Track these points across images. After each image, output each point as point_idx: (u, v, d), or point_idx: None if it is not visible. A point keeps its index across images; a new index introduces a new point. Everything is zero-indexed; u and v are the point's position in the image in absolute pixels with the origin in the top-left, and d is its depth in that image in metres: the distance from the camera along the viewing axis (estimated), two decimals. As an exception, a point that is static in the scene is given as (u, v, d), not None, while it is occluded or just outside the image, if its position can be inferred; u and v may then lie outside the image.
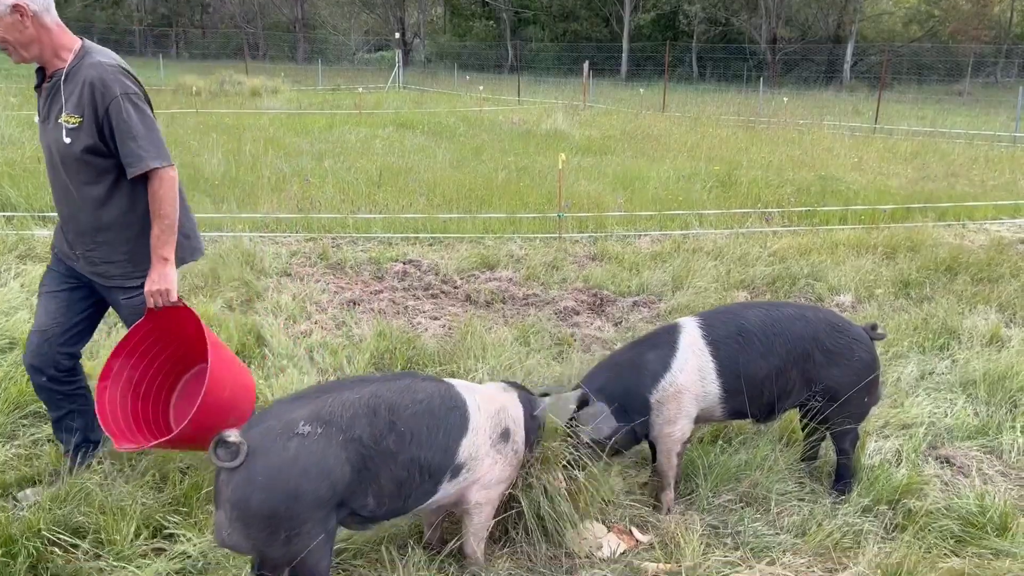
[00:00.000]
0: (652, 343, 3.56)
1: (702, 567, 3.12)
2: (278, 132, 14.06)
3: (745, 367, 3.44)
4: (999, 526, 3.41)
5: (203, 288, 6.11)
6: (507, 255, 7.44)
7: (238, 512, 2.37)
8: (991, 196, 10.48)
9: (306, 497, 2.39)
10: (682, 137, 15.29)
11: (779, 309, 3.61)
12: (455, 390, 2.89)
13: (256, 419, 2.54)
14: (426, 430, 2.68)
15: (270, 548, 2.42)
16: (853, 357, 3.54)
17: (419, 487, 2.70)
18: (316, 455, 2.42)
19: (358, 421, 2.53)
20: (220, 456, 2.35)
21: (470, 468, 2.84)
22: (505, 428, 2.97)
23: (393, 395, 2.66)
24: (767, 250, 7.59)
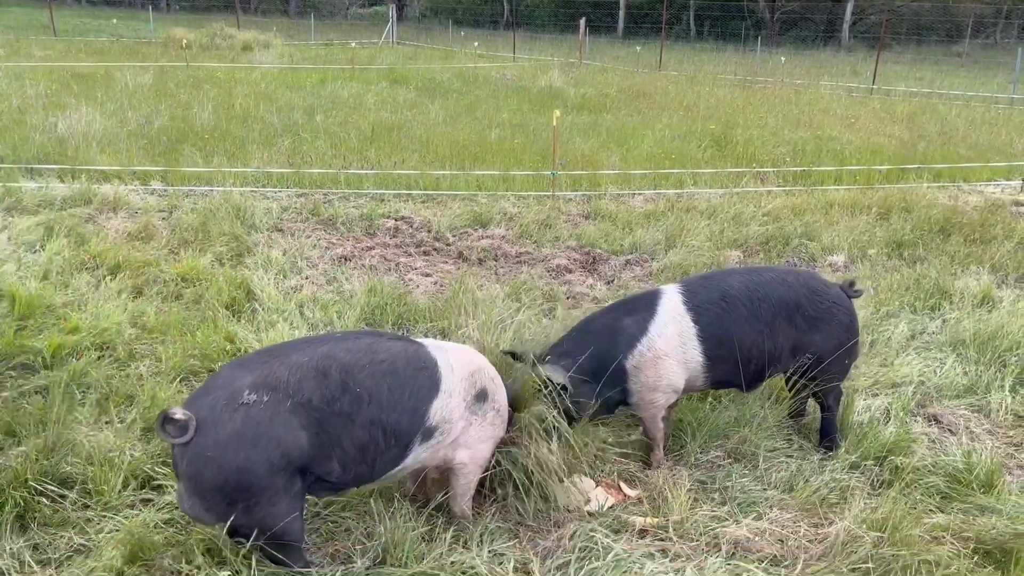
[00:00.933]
0: (629, 308, 3.49)
1: (689, 521, 3.14)
2: (270, 87, 13.86)
3: (731, 333, 3.40)
4: (985, 483, 3.43)
5: (193, 242, 6.06)
6: (500, 213, 7.39)
7: (193, 485, 2.36)
8: (987, 158, 10.42)
9: (257, 467, 2.35)
10: (678, 96, 15.13)
11: (760, 274, 3.57)
12: (424, 350, 2.80)
13: (203, 389, 2.48)
14: (387, 391, 2.60)
15: (232, 518, 2.40)
16: (833, 320, 3.54)
17: (385, 451, 2.63)
18: (264, 424, 2.37)
19: (306, 384, 2.46)
20: (168, 432, 2.31)
21: (443, 431, 2.78)
22: (482, 388, 2.91)
23: (348, 356, 2.58)
24: (761, 210, 7.54)
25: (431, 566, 2.74)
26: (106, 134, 8.95)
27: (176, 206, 6.98)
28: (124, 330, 4.44)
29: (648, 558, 2.91)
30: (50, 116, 9.39)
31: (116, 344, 4.29)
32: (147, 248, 5.89)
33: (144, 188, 7.56)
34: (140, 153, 8.40)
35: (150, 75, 14.10)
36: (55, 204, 6.73)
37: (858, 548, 2.95)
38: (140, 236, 6.17)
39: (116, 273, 5.30)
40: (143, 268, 5.39)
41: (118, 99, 11.23)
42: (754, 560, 2.96)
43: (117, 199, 7.00)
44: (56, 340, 4.15)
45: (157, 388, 3.78)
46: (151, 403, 3.64)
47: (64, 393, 3.69)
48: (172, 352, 4.21)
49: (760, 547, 3.03)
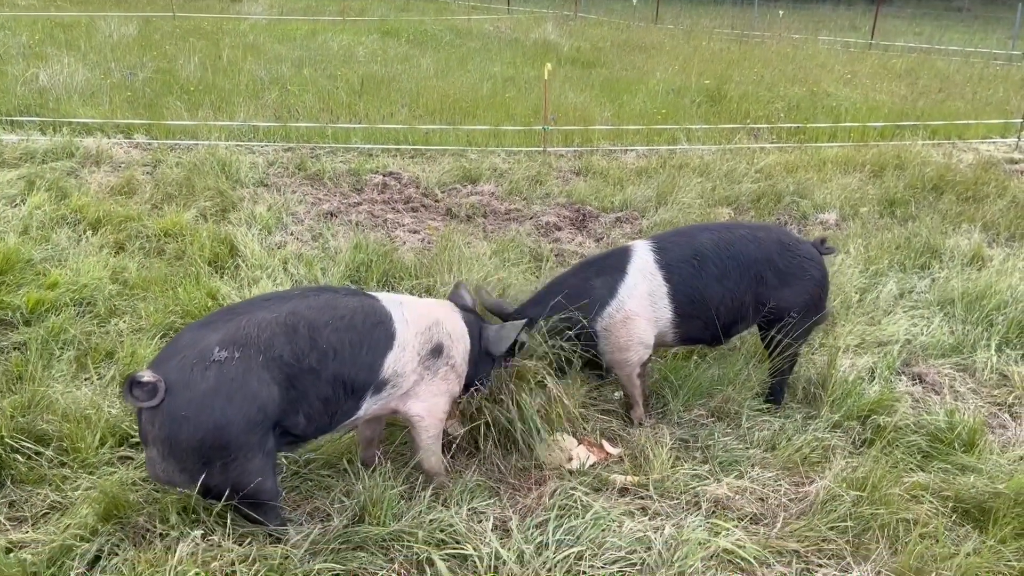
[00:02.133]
0: (599, 268, 3.45)
1: (670, 479, 3.14)
2: (258, 38, 13.60)
3: (701, 291, 3.37)
4: (966, 442, 3.44)
5: (177, 197, 5.98)
6: (490, 168, 7.29)
7: (169, 449, 2.32)
8: (983, 115, 10.32)
9: (235, 424, 2.33)
10: (674, 50, 14.91)
11: (732, 231, 3.52)
12: (379, 304, 2.79)
13: (168, 351, 2.43)
14: (349, 346, 2.60)
15: (208, 478, 2.37)
16: (804, 276, 3.50)
17: (343, 404, 2.64)
18: (238, 380, 2.34)
19: (276, 340, 2.44)
20: (137, 396, 2.26)
21: (394, 384, 2.77)
22: (437, 344, 2.88)
23: (312, 312, 2.57)
24: (754, 167, 7.47)
25: (409, 524, 2.73)
26: (89, 86, 8.78)
27: (160, 160, 6.88)
28: (105, 286, 4.38)
29: (628, 516, 2.90)
30: (31, 67, 9.21)
31: (96, 300, 4.24)
32: (130, 203, 5.80)
33: (128, 141, 7.43)
34: (124, 106, 8.24)
35: (135, 25, 13.82)
36: (36, 157, 6.62)
37: (837, 507, 2.95)
38: (123, 190, 6.08)
39: (97, 228, 5.23)
40: (125, 223, 5.31)
41: (101, 50, 11.00)
42: (733, 518, 2.96)
43: (100, 152, 6.89)
44: (35, 296, 4.10)
45: (137, 345, 3.75)
46: (131, 360, 3.61)
47: (42, 350, 3.66)
48: (153, 309, 4.16)
49: (739, 506, 3.04)
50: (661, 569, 2.62)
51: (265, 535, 2.63)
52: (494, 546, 2.65)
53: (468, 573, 2.61)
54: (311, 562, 2.56)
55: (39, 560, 2.46)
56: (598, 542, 2.73)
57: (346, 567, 2.58)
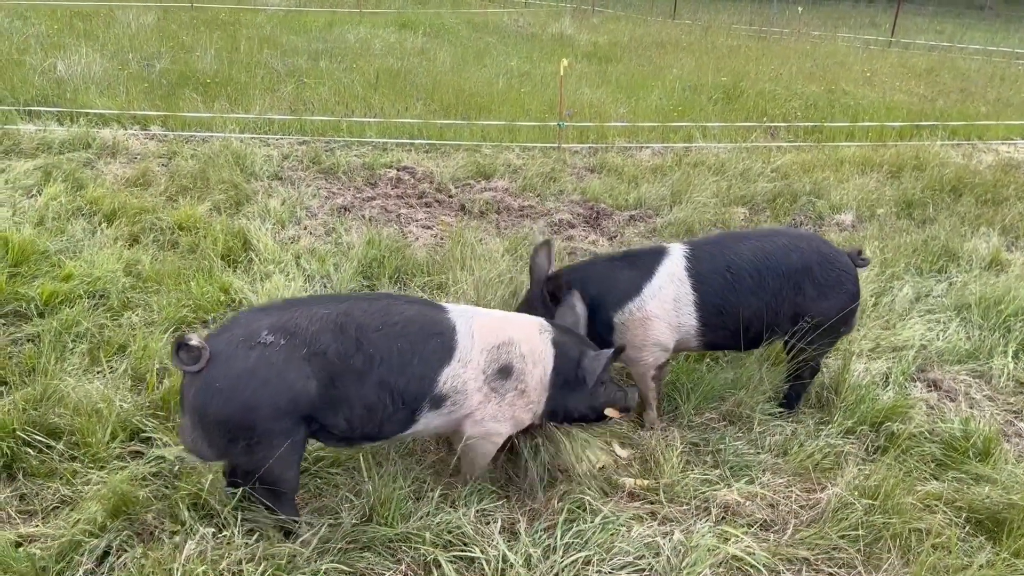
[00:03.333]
0: (631, 261, 3.41)
1: (680, 484, 3.12)
2: (275, 30, 13.60)
3: (733, 303, 3.32)
4: (982, 451, 3.39)
5: (191, 189, 5.99)
6: (504, 164, 7.27)
7: (198, 418, 2.36)
8: (1004, 115, 10.19)
9: (263, 408, 2.35)
10: (691, 46, 14.81)
11: (773, 240, 3.43)
12: (442, 316, 2.70)
13: (223, 326, 2.49)
14: (397, 354, 2.55)
15: (231, 455, 2.41)
16: (841, 289, 3.44)
17: (394, 414, 2.60)
18: (277, 366, 2.37)
19: (323, 336, 2.45)
20: (182, 359, 2.32)
21: (455, 401, 2.68)
22: (506, 364, 2.75)
23: (365, 315, 2.56)
24: (770, 166, 7.41)
25: (417, 526, 2.73)
26: (106, 76, 8.81)
27: (176, 152, 6.89)
28: (118, 279, 4.40)
29: (636, 521, 2.89)
30: (50, 57, 9.25)
31: (110, 293, 4.26)
32: (145, 195, 5.82)
33: (144, 133, 7.46)
34: (140, 97, 8.27)
35: (153, 15, 13.85)
36: (53, 148, 6.65)
37: (849, 515, 2.93)
38: (138, 182, 6.10)
39: (112, 220, 5.25)
40: (140, 215, 5.33)
41: (119, 40, 11.04)
42: (743, 525, 2.94)
43: (116, 143, 6.91)
44: (49, 287, 4.12)
45: (149, 338, 3.76)
46: (143, 354, 3.62)
47: (55, 342, 3.68)
48: (166, 302, 4.17)
49: (750, 511, 3.01)
50: (670, 575, 2.61)
51: (275, 531, 2.63)
52: (501, 549, 2.64)
53: (475, 575, 2.60)
54: (318, 561, 2.56)
55: (48, 555, 2.47)
56: (606, 547, 2.72)
57: (353, 567, 2.58)
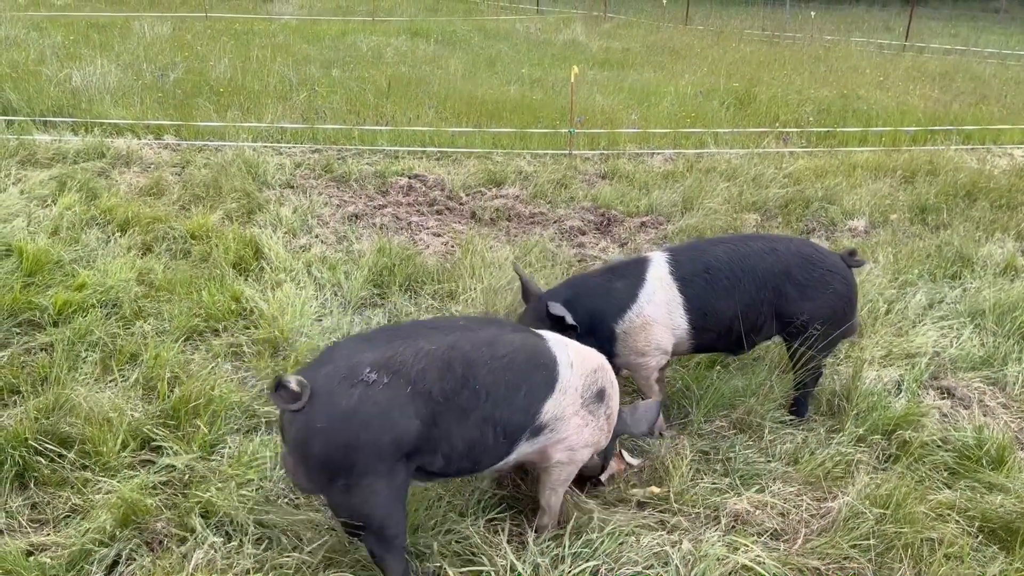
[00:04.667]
0: (620, 273, 3.45)
1: (690, 493, 3.11)
2: (288, 39, 13.69)
3: (712, 305, 3.36)
4: (995, 459, 3.36)
5: (204, 198, 6.03)
6: (515, 172, 7.28)
7: (300, 455, 2.29)
8: (1019, 119, 10.11)
9: (365, 448, 2.26)
10: (703, 51, 14.79)
11: (748, 244, 3.48)
12: (545, 345, 2.66)
13: (322, 358, 2.38)
14: (505, 388, 2.47)
15: (331, 494, 2.33)
16: (827, 289, 3.43)
17: (493, 447, 2.52)
18: (380, 406, 2.26)
19: (429, 374, 2.34)
20: (282, 397, 2.23)
21: (553, 428, 2.64)
22: (601, 388, 2.76)
23: (472, 350, 2.45)
24: (782, 172, 7.38)
25: (425, 535, 2.73)
26: (120, 87, 8.89)
27: (189, 161, 6.94)
28: (131, 287, 4.43)
29: (645, 530, 2.87)
30: (65, 68, 9.34)
31: (123, 302, 4.29)
32: (158, 204, 5.86)
33: (158, 142, 7.52)
34: (154, 107, 8.34)
35: (168, 25, 13.97)
36: (68, 157, 6.72)
37: (860, 524, 2.90)
38: (152, 191, 6.15)
39: (126, 229, 5.29)
40: (153, 224, 5.36)
41: (134, 51, 11.14)
42: (753, 534, 2.92)
43: (130, 153, 6.97)
44: (62, 297, 4.16)
45: (161, 347, 3.78)
46: (154, 362, 3.64)
47: (68, 351, 3.71)
48: (177, 311, 4.20)
49: (760, 521, 3.00)
50: (678, 586, 2.60)
51: (284, 540, 2.64)
52: (509, 559, 2.64)
53: (483, 585, 2.60)
54: (326, 571, 2.56)
55: (58, 564, 2.49)
56: (615, 556, 2.71)
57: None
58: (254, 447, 3.12)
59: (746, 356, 4.02)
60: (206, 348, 3.97)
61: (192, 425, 3.22)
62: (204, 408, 3.29)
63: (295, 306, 4.28)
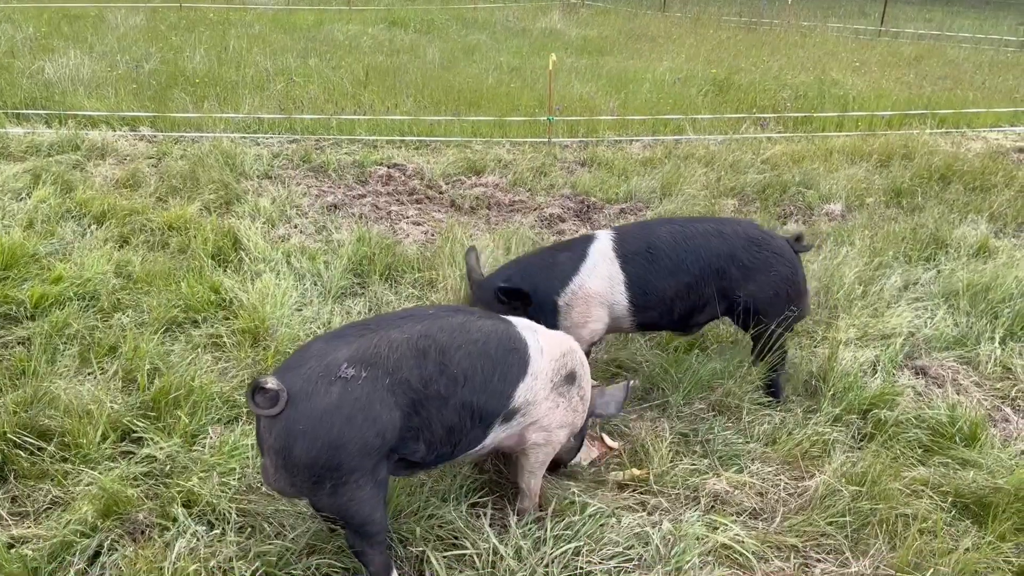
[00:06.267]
0: (563, 248, 3.51)
1: (669, 474, 3.14)
2: (264, 29, 13.58)
3: (652, 283, 3.41)
4: (968, 436, 3.42)
5: (181, 190, 5.99)
6: (495, 160, 7.28)
7: (281, 460, 2.24)
8: (992, 103, 10.23)
9: (351, 445, 2.23)
10: (681, 38, 14.81)
11: (694, 226, 3.53)
12: (515, 330, 2.66)
13: (294, 360, 2.34)
14: (480, 373, 2.48)
15: (316, 497, 2.31)
16: (771, 272, 3.48)
17: (469, 432, 2.52)
18: (361, 400, 2.24)
19: (405, 363, 2.34)
20: (259, 403, 2.19)
21: (525, 412, 2.66)
22: (571, 371, 2.78)
23: (445, 335, 2.45)
24: (760, 157, 7.43)
25: (408, 521, 2.75)
26: (95, 78, 8.80)
27: (165, 153, 6.89)
28: (108, 280, 4.41)
29: (626, 511, 2.91)
30: (37, 59, 9.23)
31: (100, 294, 4.26)
32: (135, 196, 5.82)
33: (133, 134, 7.45)
34: (129, 98, 8.25)
35: (142, 16, 13.82)
36: (42, 150, 6.65)
37: (836, 502, 2.96)
38: (128, 183, 6.10)
39: (102, 222, 5.25)
40: (130, 216, 5.33)
41: (108, 42, 11.01)
42: (732, 513, 2.96)
43: (106, 145, 6.90)
44: (39, 290, 4.13)
45: (140, 339, 3.77)
46: (133, 354, 3.63)
47: (46, 344, 3.69)
48: (156, 303, 4.18)
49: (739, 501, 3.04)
50: (658, 565, 2.63)
51: (267, 528, 2.64)
52: (492, 542, 2.66)
53: (466, 568, 2.62)
54: (309, 558, 2.57)
55: (40, 556, 2.49)
56: (596, 537, 2.74)
57: (344, 564, 2.59)
58: (235, 437, 3.12)
59: (725, 338, 4.06)
60: (186, 339, 3.95)
61: (173, 416, 3.21)
62: (184, 399, 3.29)
63: (275, 296, 4.27)
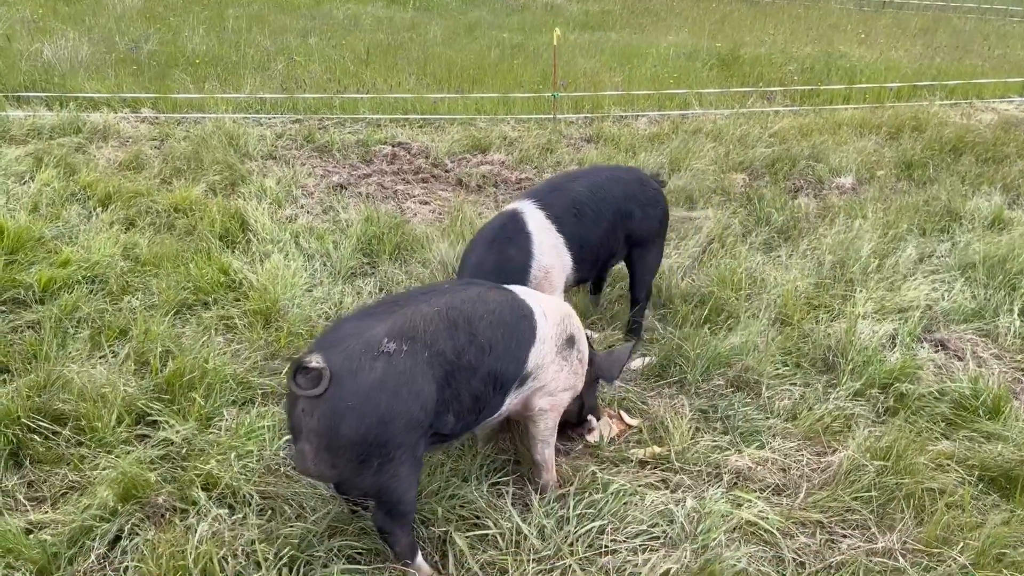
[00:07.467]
0: (505, 238, 3.43)
1: (691, 451, 3.11)
2: (263, 8, 13.42)
3: (585, 238, 3.55)
4: (991, 409, 3.38)
5: (186, 171, 5.93)
6: (500, 137, 7.19)
7: (326, 442, 2.18)
8: (1001, 73, 10.12)
9: (398, 420, 2.21)
10: (684, 12, 14.66)
11: (599, 174, 3.80)
12: (520, 298, 2.70)
13: (329, 339, 2.29)
14: (502, 341, 2.51)
15: (358, 477, 2.25)
16: (659, 206, 3.83)
17: (491, 400, 2.55)
18: (406, 375, 2.22)
19: (440, 335, 2.34)
20: (301, 384, 2.14)
21: (536, 376, 2.69)
22: (570, 335, 2.82)
23: (468, 306, 2.46)
24: (768, 131, 7.35)
25: (430, 501, 2.71)
26: (94, 60, 8.69)
27: (168, 134, 6.81)
28: (116, 263, 4.36)
29: (649, 489, 2.88)
30: (36, 42, 9.12)
31: (108, 277, 4.21)
32: (139, 178, 5.75)
33: (135, 115, 7.37)
34: (129, 80, 8.16)
35: (139, -3, 13.65)
36: (44, 133, 6.57)
37: (861, 477, 2.92)
38: (131, 165, 6.03)
39: (107, 204, 5.19)
40: (135, 198, 5.27)
41: (106, 24, 10.89)
42: (755, 490, 2.93)
43: (107, 127, 6.82)
44: (47, 274, 4.07)
45: (151, 322, 3.72)
46: (144, 337, 3.58)
47: (56, 328, 3.64)
48: (165, 285, 4.13)
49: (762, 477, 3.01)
50: (684, 543, 2.60)
51: (288, 510, 2.61)
52: (515, 521, 2.63)
53: (489, 548, 2.59)
54: (331, 540, 2.54)
55: (59, 540, 2.45)
56: (620, 516, 2.71)
57: (367, 545, 2.56)
58: (251, 419, 3.09)
59: (740, 312, 4.02)
60: (196, 321, 3.91)
61: (187, 399, 3.17)
62: (198, 381, 3.25)
63: (285, 277, 4.22)
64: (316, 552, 2.48)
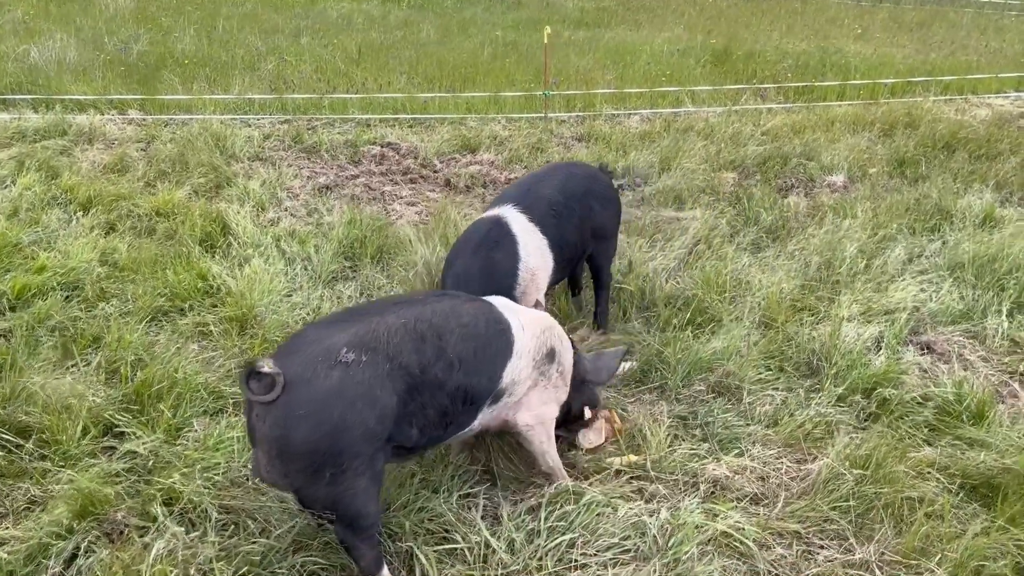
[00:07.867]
0: (490, 243, 3.41)
1: (668, 459, 3.05)
2: (255, 8, 13.36)
3: (564, 237, 3.58)
4: (975, 414, 3.32)
5: (170, 174, 5.88)
6: (490, 136, 7.13)
7: (277, 449, 2.14)
8: (996, 68, 10.02)
9: (352, 431, 2.16)
10: (679, 8, 14.58)
11: (559, 173, 3.84)
12: (498, 311, 2.65)
13: (290, 346, 2.26)
14: (473, 356, 2.45)
15: (312, 488, 2.20)
16: (613, 198, 3.92)
17: (460, 415, 2.49)
18: (363, 385, 2.18)
19: (405, 348, 2.28)
20: (253, 389, 2.10)
21: (511, 392, 2.64)
22: (551, 348, 2.76)
23: (439, 319, 2.41)
24: (760, 129, 7.28)
25: (397, 515, 2.66)
26: (82, 61, 8.64)
27: (154, 136, 6.76)
28: (93, 268, 4.31)
29: (623, 499, 2.82)
30: (23, 43, 9.06)
31: (84, 283, 4.16)
32: (122, 181, 5.70)
33: (121, 117, 7.31)
34: (118, 81, 8.10)
35: (132, -3, 13.60)
36: (28, 136, 6.52)
37: (840, 485, 2.86)
38: (115, 168, 5.98)
39: (88, 208, 5.14)
40: (117, 202, 5.22)
41: (95, 25, 10.83)
42: (732, 499, 2.87)
43: (93, 129, 6.77)
44: (21, 281, 4.03)
45: (125, 329, 3.67)
46: (117, 345, 3.54)
47: (27, 336, 3.60)
48: (141, 291, 4.08)
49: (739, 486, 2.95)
50: (655, 557, 2.55)
51: (251, 525, 2.56)
52: (484, 535, 2.58)
53: (457, 562, 2.54)
54: (294, 556, 2.49)
55: (15, 559, 2.40)
56: (591, 528, 2.65)
57: (331, 561, 2.51)
58: (220, 429, 3.03)
59: (725, 317, 3.96)
60: (171, 328, 3.86)
61: (156, 409, 3.12)
62: (168, 391, 3.20)
63: (263, 282, 4.17)
64: (278, 569, 2.43)
